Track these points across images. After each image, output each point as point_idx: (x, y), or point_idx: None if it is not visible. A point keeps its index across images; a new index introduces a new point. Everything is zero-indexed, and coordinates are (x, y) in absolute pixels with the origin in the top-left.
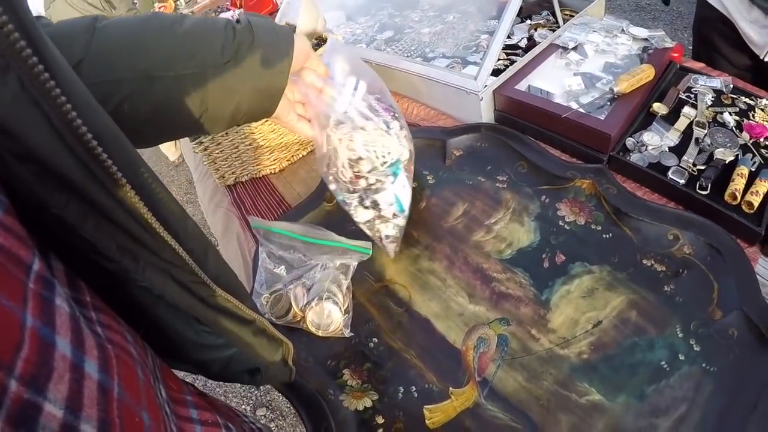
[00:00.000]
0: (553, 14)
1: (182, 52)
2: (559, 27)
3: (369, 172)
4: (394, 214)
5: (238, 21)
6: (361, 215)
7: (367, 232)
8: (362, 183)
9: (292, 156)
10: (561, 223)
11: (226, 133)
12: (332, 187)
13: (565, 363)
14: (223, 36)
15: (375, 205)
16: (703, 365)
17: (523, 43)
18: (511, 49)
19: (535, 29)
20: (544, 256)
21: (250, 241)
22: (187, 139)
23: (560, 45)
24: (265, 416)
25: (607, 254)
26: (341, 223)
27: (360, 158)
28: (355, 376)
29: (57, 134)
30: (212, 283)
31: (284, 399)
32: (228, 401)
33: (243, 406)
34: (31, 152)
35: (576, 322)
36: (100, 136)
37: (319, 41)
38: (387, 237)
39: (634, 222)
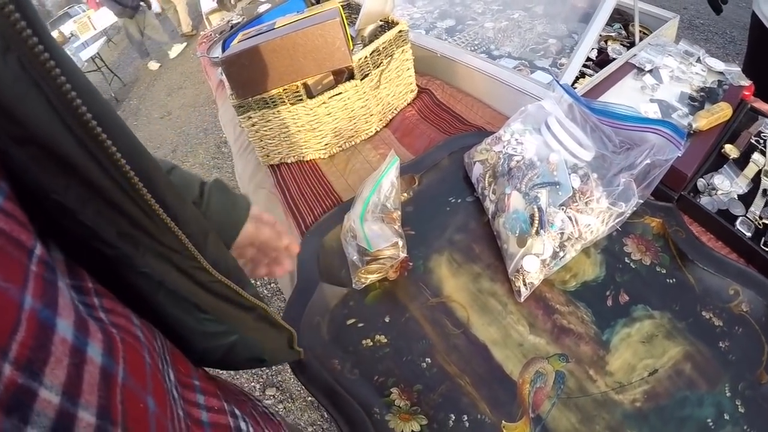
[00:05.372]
0: (626, 28)
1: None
2: (633, 44)
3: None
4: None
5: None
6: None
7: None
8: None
9: (345, 143)
10: (627, 260)
11: (278, 112)
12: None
13: (618, 409)
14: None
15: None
16: (745, 428)
17: (594, 55)
18: None
19: (606, 42)
20: (608, 293)
21: (293, 231)
22: (232, 109)
23: (636, 65)
24: (273, 396)
25: (670, 301)
26: None
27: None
28: (404, 396)
29: (57, 115)
30: (212, 268)
31: (296, 381)
32: (238, 377)
33: (252, 384)
34: (31, 135)
35: (633, 368)
36: (100, 118)
37: (385, 24)
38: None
39: (699, 271)
